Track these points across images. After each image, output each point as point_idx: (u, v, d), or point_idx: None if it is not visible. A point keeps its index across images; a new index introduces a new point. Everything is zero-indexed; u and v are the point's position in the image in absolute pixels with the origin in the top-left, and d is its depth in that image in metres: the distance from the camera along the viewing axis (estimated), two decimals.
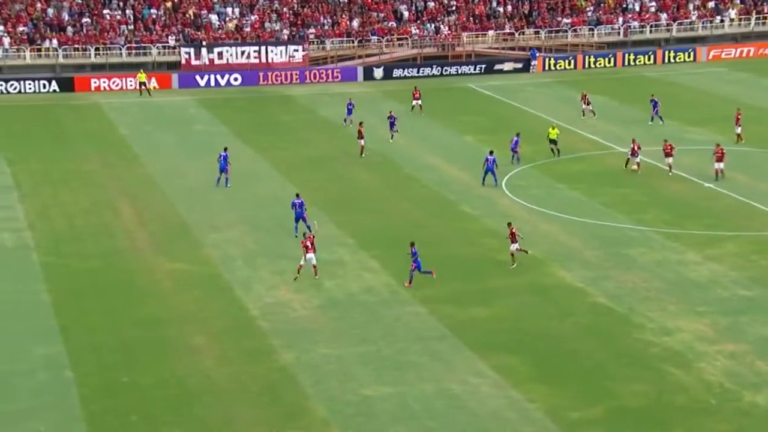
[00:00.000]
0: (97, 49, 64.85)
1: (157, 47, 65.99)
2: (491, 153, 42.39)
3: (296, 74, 66.07)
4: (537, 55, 69.93)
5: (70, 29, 65.81)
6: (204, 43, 66.64)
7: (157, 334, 28.30)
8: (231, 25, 68.97)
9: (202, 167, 44.94)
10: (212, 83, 64.53)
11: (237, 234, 36.63)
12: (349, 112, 53.67)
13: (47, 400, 24.53)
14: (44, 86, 60.93)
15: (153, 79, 63.04)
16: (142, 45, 65.85)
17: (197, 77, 64.45)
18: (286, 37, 69.55)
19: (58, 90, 61.20)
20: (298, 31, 70.24)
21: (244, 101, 60.90)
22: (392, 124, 49.80)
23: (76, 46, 64.70)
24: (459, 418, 24.00)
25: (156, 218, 38.33)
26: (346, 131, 52.40)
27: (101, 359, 26.67)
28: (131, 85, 62.01)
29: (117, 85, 62.53)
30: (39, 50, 63.89)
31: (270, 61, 66.75)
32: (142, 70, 61.60)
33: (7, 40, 63.56)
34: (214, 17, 69.52)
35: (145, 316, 29.52)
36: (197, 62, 65.52)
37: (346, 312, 29.96)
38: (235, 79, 65.03)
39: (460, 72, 68.68)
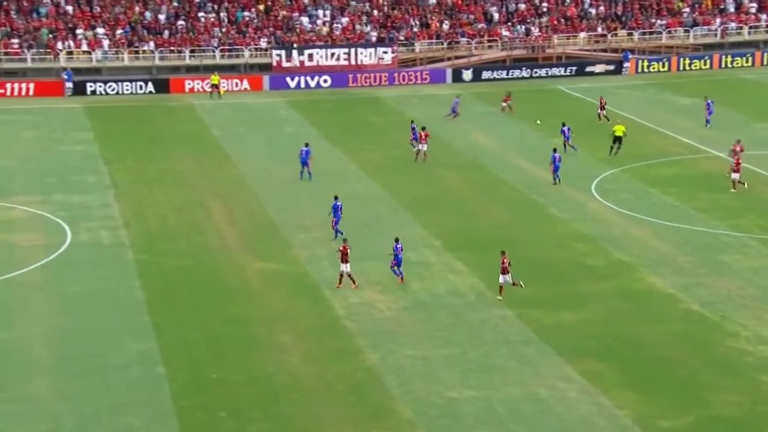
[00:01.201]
0: (191, 51, 66.26)
1: (250, 49, 67.05)
2: (555, 151, 42.61)
3: (385, 76, 66.26)
4: (630, 56, 68.59)
5: (166, 32, 67.42)
6: (295, 45, 67.45)
7: (246, 332, 28.70)
8: (323, 29, 69.61)
9: (292, 168, 45.40)
10: (302, 85, 65.23)
11: (324, 234, 36.90)
12: (453, 109, 54.11)
13: (140, 394, 25.10)
14: (141, 87, 62.52)
15: (245, 81, 64.05)
16: (235, 47, 67.00)
17: (288, 79, 65.23)
18: (375, 39, 69.86)
19: (154, 91, 62.71)
20: (387, 33, 70.50)
21: (332, 103, 61.38)
22: (415, 136, 47.97)
23: (172, 48, 66.22)
24: (546, 423, 23.68)
25: (246, 218, 38.93)
26: (434, 133, 52.32)
27: (192, 356, 27.19)
28: (224, 87, 63.12)
29: (210, 86, 63.64)
30: (136, 52, 65.61)
31: (359, 62, 67.13)
32: (215, 72, 62.48)
33: (106, 43, 65.45)
34: (305, 19, 70.29)
35: (234, 313, 29.97)
36: (288, 64, 66.33)
37: (431, 314, 29.89)
38: (325, 81, 65.59)
39: (549, 74, 67.88)
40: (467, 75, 67.19)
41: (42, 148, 49.23)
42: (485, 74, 67.51)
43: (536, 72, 68.00)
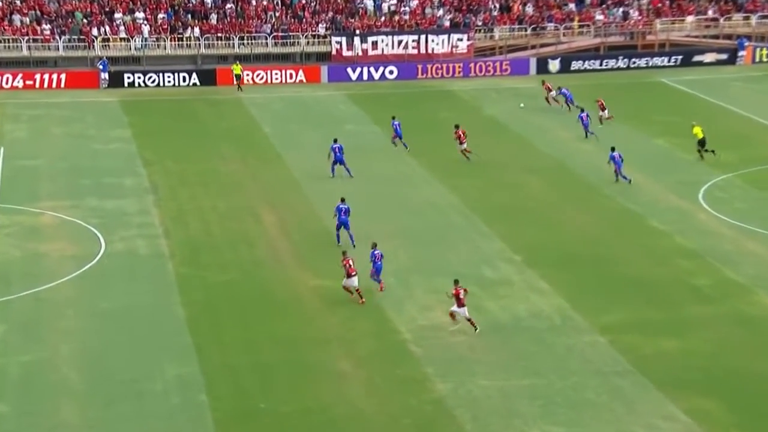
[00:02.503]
0: (241, 38, 67.15)
1: (306, 36, 67.69)
2: (613, 149, 43.15)
3: (459, 66, 66.26)
4: (746, 44, 67.47)
5: (213, 16, 68.41)
6: (357, 31, 67.87)
7: (298, 357, 28.92)
8: (389, 13, 69.97)
9: (352, 171, 45.65)
10: (365, 76, 65.60)
11: (388, 247, 36.96)
12: (570, 99, 55.03)
13: (180, 425, 25.44)
14: (184, 79, 63.52)
15: (300, 72, 64.62)
16: (290, 34, 67.70)
17: (349, 70, 65.66)
18: (448, 24, 69.91)
19: (198, 83, 63.67)
20: (463, 17, 70.48)
21: (399, 97, 61.54)
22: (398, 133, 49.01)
23: (219, 34, 67.16)
24: None
25: (300, 227, 39.24)
26: (514, 131, 52.13)
27: (237, 382, 27.49)
28: (277, 79, 63.86)
29: (261, 78, 64.48)
30: (180, 39, 66.68)
31: (430, 51, 67.27)
32: (237, 62, 63.03)
33: (146, 29, 66.60)
34: (369, 2, 70.71)
35: (285, 335, 30.23)
36: (349, 53, 66.78)
37: (510, 339, 29.78)
38: (391, 72, 65.84)
39: (651, 64, 67.19)
40: (554, 65, 66.84)
41: (74, 147, 50.33)
42: (575, 64, 67.10)
43: (635, 62, 67.36)
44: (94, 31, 65.67)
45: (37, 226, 38.97)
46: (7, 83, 61.68)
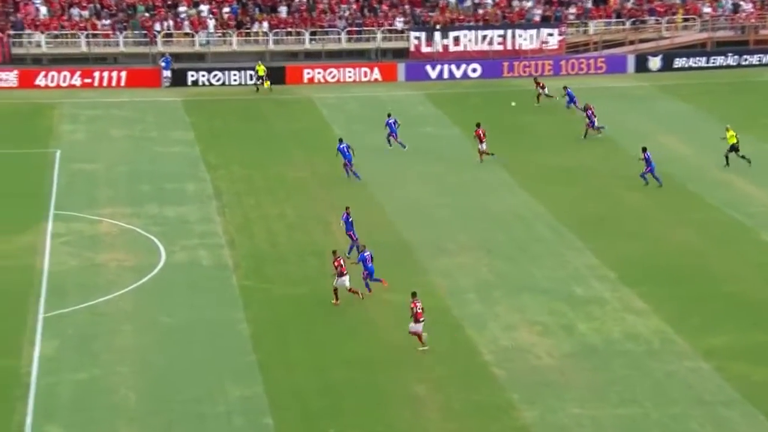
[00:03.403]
0: (312, 33, 67.67)
1: (382, 31, 67.95)
2: (645, 150, 43.59)
3: (549, 64, 65.94)
4: None
5: (282, 10, 69.04)
6: (438, 26, 67.92)
7: (370, 378, 28.97)
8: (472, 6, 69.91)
9: (429, 177, 45.65)
10: (445, 75, 65.61)
11: (469, 260, 36.89)
12: (573, 100, 55.06)
13: None
14: (251, 77, 64.12)
15: (375, 70, 64.82)
16: (365, 28, 68.02)
17: (428, 68, 65.75)
18: (538, 18, 69.56)
19: None
20: (553, 10, 70.08)
21: (482, 97, 61.42)
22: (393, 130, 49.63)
23: (289, 30, 67.79)
24: None
25: (372, 237, 39.32)
26: (607, 135, 51.66)
27: (304, 405, 27.63)
28: (350, 77, 64.22)
29: (333, 76, 64.89)
30: (247, 35, 67.46)
31: (517, 47, 67.03)
32: (260, 62, 63.28)
33: (212, 23, 67.49)
34: None
35: (355, 355, 30.32)
36: (428, 49, 66.85)
37: (603, 363, 29.50)
38: (474, 70, 65.76)
39: (764, 62, 66.01)
40: (654, 63, 66.07)
41: (133, 150, 51.17)
42: (678, 62, 66.26)
43: (746, 59, 66.27)
44: (157, 26, 66.74)
45: (95, 235, 39.66)
46: (64, 81, 63.00)
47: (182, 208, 42.29)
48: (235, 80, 64.11)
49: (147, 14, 67.53)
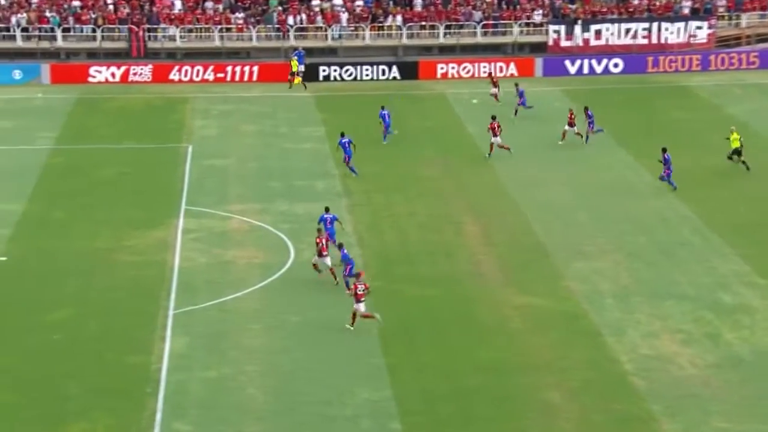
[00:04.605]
0: (447, 26, 67.63)
1: (520, 24, 67.50)
2: (665, 151, 43.37)
3: (697, 59, 64.60)
4: None
5: (418, 3, 69.16)
6: (578, 19, 67.13)
7: (502, 384, 28.81)
8: None
9: (567, 177, 45.11)
10: (585, 70, 64.89)
11: (608, 264, 36.38)
12: (523, 102, 54.99)
13: None
14: (383, 72, 64.55)
15: (512, 65, 64.39)
16: (502, 22, 67.67)
17: (567, 62, 65.14)
18: (687, 10, 68.09)
19: (398, 77, 64.56)
20: (703, 2, 68.50)
21: (625, 93, 60.55)
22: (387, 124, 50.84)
23: (423, 23, 67.88)
24: None
25: (507, 238, 39.12)
26: (762, 135, 50.30)
27: (434, 410, 27.62)
28: (485, 72, 63.97)
29: (468, 71, 64.77)
30: (380, 28, 67.81)
31: (663, 41, 65.84)
32: (294, 57, 62.91)
33: (344, 17, 68.07)
34: None
35: (487, 360, 30.19)
36: (568, 43, 66.20)
37: (752, 375, 28.81)
38: (615, 65, 64.85)
39: None
40: None
41: (264, 146, 52.00)
42: None
43: None
44: (290, 20, 67.61)
45: (225, 231, 40.43)
46: (197, 75, 64.40)
47: (312, 205, 42.70)
48: (367, 75, 64.54)
49: (280, 8, 68.46)
